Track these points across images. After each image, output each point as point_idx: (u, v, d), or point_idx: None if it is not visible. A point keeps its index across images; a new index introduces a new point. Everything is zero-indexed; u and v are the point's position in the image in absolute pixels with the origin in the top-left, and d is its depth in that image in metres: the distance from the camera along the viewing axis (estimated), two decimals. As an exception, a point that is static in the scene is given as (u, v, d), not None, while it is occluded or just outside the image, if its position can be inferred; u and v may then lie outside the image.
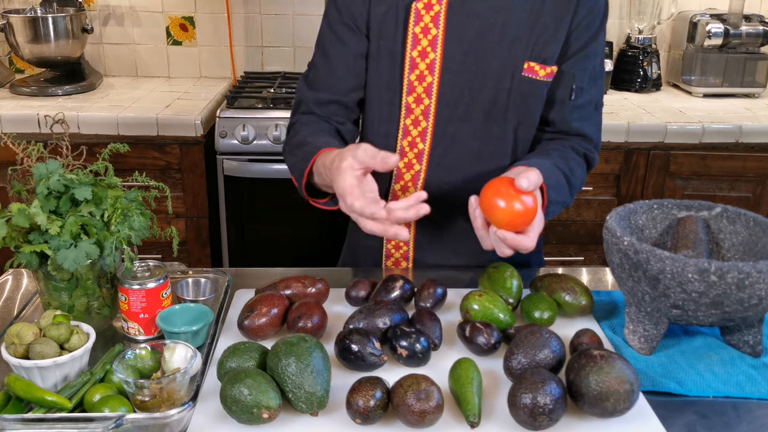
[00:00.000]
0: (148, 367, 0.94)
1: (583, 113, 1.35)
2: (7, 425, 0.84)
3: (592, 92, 1.35)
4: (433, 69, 1.26)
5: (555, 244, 2.39)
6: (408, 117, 1.30)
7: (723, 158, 2.29)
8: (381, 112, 1.32)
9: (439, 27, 1.25)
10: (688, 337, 1.10)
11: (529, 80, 1.27)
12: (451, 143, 1.30)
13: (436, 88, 1.27)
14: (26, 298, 1.22)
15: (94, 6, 2.73)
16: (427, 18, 1.25)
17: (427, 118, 1.29)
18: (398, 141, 1.32)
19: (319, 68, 1.34)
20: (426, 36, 1.25)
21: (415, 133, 1.30)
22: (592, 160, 1.37)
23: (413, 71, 1.27)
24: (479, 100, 1.28)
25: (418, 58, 1.26)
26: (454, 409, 0.93)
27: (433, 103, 1.28)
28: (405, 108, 1.29)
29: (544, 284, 1.17)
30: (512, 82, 1.27)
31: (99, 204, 1.06)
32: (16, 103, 2.34)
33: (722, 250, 1.14)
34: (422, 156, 1.31)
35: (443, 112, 1.29)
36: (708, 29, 2.56)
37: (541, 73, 1.28)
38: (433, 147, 1.31)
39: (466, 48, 1.25)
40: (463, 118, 1.29)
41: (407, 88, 1.28)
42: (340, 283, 1.23)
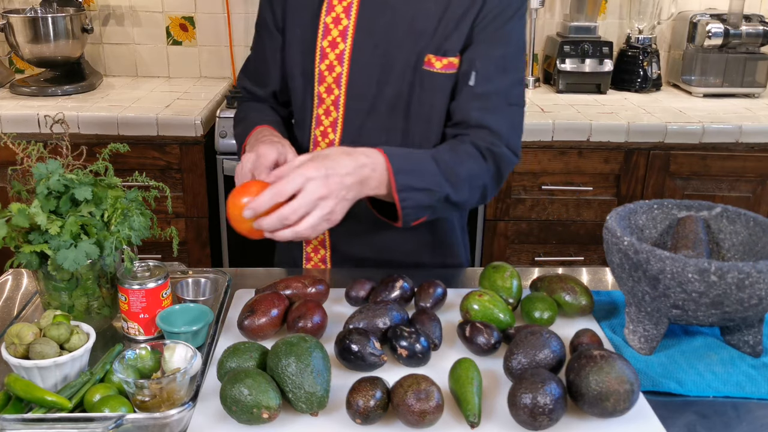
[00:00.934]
0: (148, 367, 0.94)
1: (487, 104, 1.24)
2: (7, 425, 0.84)
3: (500, 84, 1.25)
4: (342, 60, 1.27)
5: (555, 244, 2.39)
6: (320, 107, 1.32)
7: (723, 158, 2.29)
8: (297, 101, 1.36)
9: (351, 18, 1.25)
10: (688, 337, 1.10)
11: (428, 73, 1.25)
12: (359, 135, 1.30)
13: (345, 79, 1.28)
14: (26, 298, 1.22)
15: (94, 6, 2.73)
16: (339, 8, 1.26)
17: (337, 108, 1.30)
18: (311, 130, 1.34)
19: (251, 59, 1.45)
20: (337, 26, 1.26)
21: (327, 123, 1.32)
22: (500, 156, 1.24)
23: (323, 61, 1.28)
24: (385, 93, 1.27)
25: (328, 48, 1.27)
26: (454, 409, 0.93)
27: (342, 94, 1.29)
28: (317, 98, 1.31)
29: (544, 284, 1.17)
30: (414, 76, 1.26)
31: (99, 204, 1.06)
32: (16, 103, 2.34)
33: (722, 250, 1.14)
34: (333, 146, 1.32)
35: (352, 104, 1.29)
36: (708, 29, 2.56)
37: (438, 65, 1.24)
38: (343, 138, 1.32)
39: (375, 40, 1.25)
40: (370, 111, 1.29)
41: (318, 77, 1.30)
42: (340, 283, 1.23)
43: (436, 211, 1.20)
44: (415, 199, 1.15)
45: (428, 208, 1.18)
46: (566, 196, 2.32)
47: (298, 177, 1.03)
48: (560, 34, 2.75)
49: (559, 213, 2.34)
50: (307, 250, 1.43)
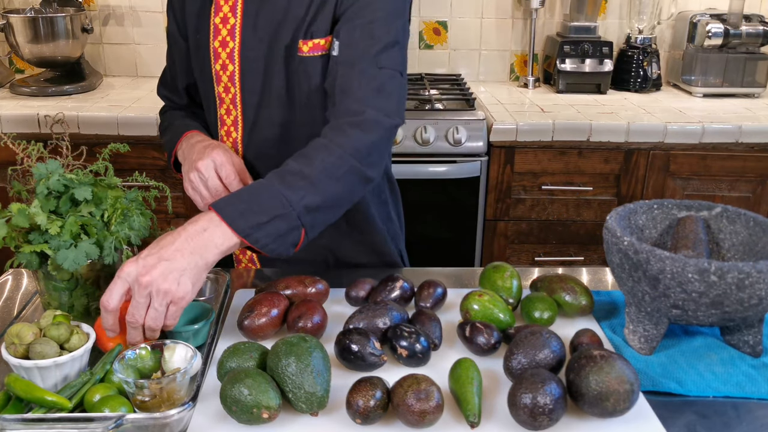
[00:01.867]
0: (148, 367, 0.94)
1: (351, 70, 1.17)
2: (7, 425, 0.84)
3: (367, 49, 1.17)
4: (233, 58, 1.28)
5: (555, 244, 2.39)
6: (221, 107, 1.34)
7: (723, 158, 2.29)
8: (205, 105, 1.39)
9: (237, 15, 1.26)
10: (688, 337, 1.10)
11: (299, 59, 1.25)
12: (260, 131, 1.32)
13: (237, 76, 1.29)
14: (26, 298, 1.22)
15: (94, 6, 2.73)
16: (226, 8, 1.27)
17: (235, 106, 1.32)
18: (218, 130, 1.37)
19: (166, 69, 1.50)
20: (225, 26, 1.28)
21: (229, 122, 1.34)
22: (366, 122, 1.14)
23: (217, 61, 1.30)
24: (273, 86, 1.28)
25: (219, 48, 1.29)
26: (454, 409, 0.93)
27: (238, 92, 1.30)
28: (218, 98, 1.34)
29: (544, 284, 1.17)
30: (293, 64, 1.26)
31: (99, 204, 1.06)
32: (16, 103, 2.34)
33: (722, 250, 1.14)
34: (237, 145, 1.34)
35: (247, 100, 1.30)
36: (708, 29, 2.56)
37: (305, 49, 1.24)
38: (245, 136, 1.33)
39: (260, 34, 1.26)
40: (264, 105, 1.30)
41: (215, 78, 1.32)
42: (340, 283, 1.23)
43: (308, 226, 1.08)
44: (269, 233, 1.04)
45: (291, 230, 1.06)
46: (566, 196, 2.32)
47: (116, 281, 0.96)
48: (560, 34, 2.75)
49: (559, 213, 2.34)
50: (235, 252, 1.43)
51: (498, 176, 2.28)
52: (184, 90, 1.45)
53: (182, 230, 1.00)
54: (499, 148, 2.25)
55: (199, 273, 0.99)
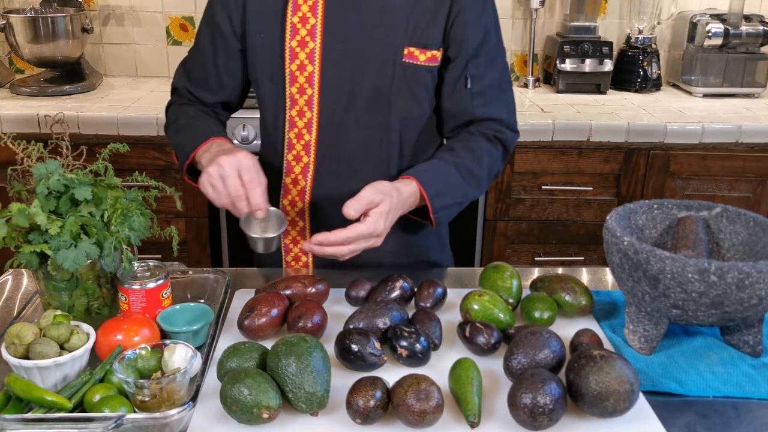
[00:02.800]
0: (148, 367, 0.94)
1: (485, 98, 1.32)
2: (7, 425, 0.84)
3: (491, 75, 1.32)
4: (313, 58, 1.27)
5: (555, 244, 2.39)
6: (293, 108, 1.31)
7: (723, 158, 2.29)
8: (268, 106, 1.35)
9: (318, 16, 1.25)
10: (688, 337, 1.10)
11: (411, 66, 1.26)
12: (337, 133, 1.30)
13: (317, 77, 1.27)
14: (26, 298, 1.22)
15: (94, 6, 2.73)
16: (305, 7, 1.26)
17: (311, 108, 1.29)
18: (285, 133, 1.33)
19: (194, 61, 1.40)
20: (305, 25, 1.26)
21: (301, 124, 1.31)
22: (507, 141, 1.35)
23: (294, 61, 1.28)
24: (361, 88, 1.28)
25: (297, 48, 1.27)
26: (454, 409, 0.93)
27: (316, 93, 1.28)
28: (289, 99, 1.30)
29: (544, 284, 1.17)
30: (394, 69, 1.26)
31: (99, 204, 1.06)
32: (16, 103, 2.34)
33: (722, 250, 1.14)
34: (309, 147, 1.32)
35: (327, 102, 1.29)
36: (708, 29, 2.56)
37: (422, 58, 1.26)
38: (319, 138, 1.31)
39: (345, 35, 1.25)
40: (347, 108, 1.29)
41: (289, 78, 1.29)
42: (340, 283, 1.23)
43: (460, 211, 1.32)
44: (448, 214, 1.29)
45: (456, 214, 1.32)
46: (566, 196, 2.32)
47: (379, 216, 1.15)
48: (560, 34, 2.75)
49: (559, 213, 2.34)
50: (287, 259, 1.42)
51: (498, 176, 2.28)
52: (226, 90, 1.38)
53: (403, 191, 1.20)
54: (499, 148, 2.25)
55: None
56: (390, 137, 1.31)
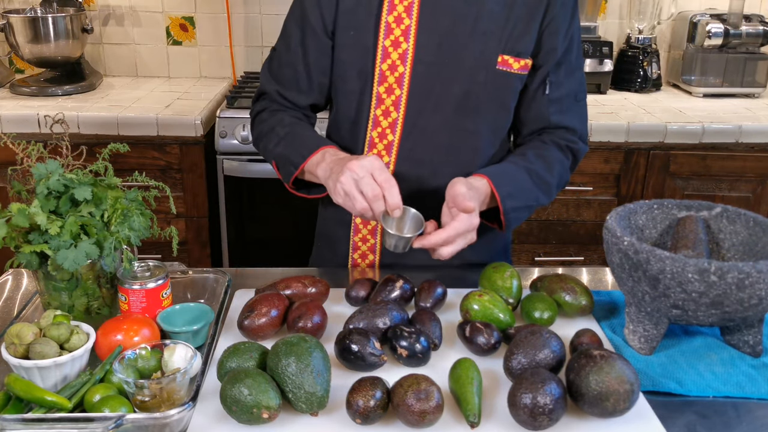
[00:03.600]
0: (148, 367, 0.94)
1: (561, 106, 1.34)
2: (7, 425, 0.84)
3: (569, 85, 1.34)
4: (405, 59, 1.26)
5: (555, 244, 2.39)
6: (378, 107, 1.30)
7: (723, 158, 2.29)
8: (350, 102, 1.32)
9: (413, 17, 1.25)
10: (688, 337, 1.10)
11: (503, 73, 1.27)
12: (422, 135, 1.30)
13: (408, 78, 1.27)
14: (26, 298, 1.22)
15: (94, 6, 2.73)
16: (401, 8, 1.25)
17: (397, 108, 1.29)
18: (368, 132, 1.32)
19: (283, 62, 1.36)
20: (399, 26, 1.25)
21: (386, 124, 1.30)
22: (578, 151, 1.36)
23: (385, 60, 1.27)
24: (451, 93, 1.28)
25: (390, 48, 1.26)
26: (454, 409, 0.93)
27: (404, 94, 1.28)
28: (376, 98, 1.29)
29: (544, 284, 1.17)
30: (486, 76, 1.27)
31: (99, 204, 1.06)
32: (16, 103, 2.34)
33: (722, 250, 1.14)
34: (392, 147, 1.31)
35: (414, 104, 1.28)
36: (708, 29, 2.56)
37: (516, 66, 1.27)
38: (403, 139, 1.31)
39: (439, 39, 1.25)
40: (434, 110, 1.29)
41: (378, 77, 1.28)
42: (340, 283, 1.23)
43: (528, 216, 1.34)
44: (518, 217, 1.29)
45: (524, 218, 1.32)
46: (566, 196, 2.32)
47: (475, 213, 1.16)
48: (560, 34, 2.75)
49: (559, 213, 2.34)
50: (354, 257, 1.41)
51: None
52: (317, 90, 1.36)
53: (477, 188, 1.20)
54: (499, 148, 2.25)
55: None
56: (474, 143, 1.32)
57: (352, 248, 1.40)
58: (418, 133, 1.30)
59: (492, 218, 1.30)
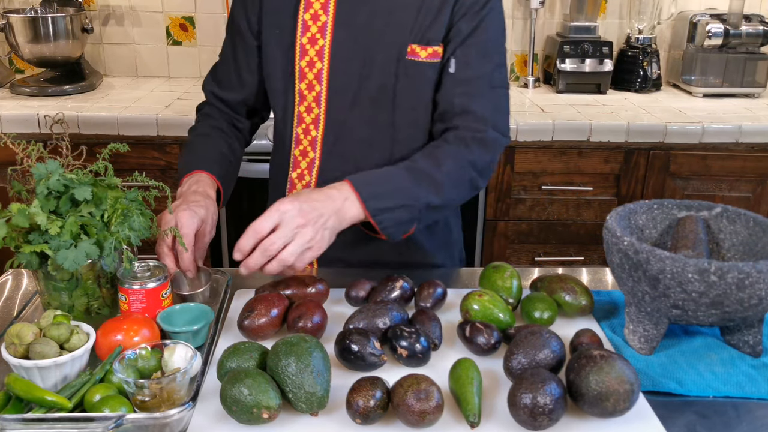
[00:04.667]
0: (148, 367, 0.94)
1: (469, 89, 1.26)
2: (7, 425, 0.84)
3: (482, 69, 1.27)
4: (322, 55, 1.28)
5: (555, 244, 2.39)
6: (301, 104, 1.33)
7: (723, 158, 2.29)
8: (278, 100, 1.37)
9: (329, 14, 1.27)
10: (688, 337, 1.10)
11: (412, 63, 1.27)
12: (342, 130, 1.31)
13: (326, 74, 1.29)
14: (26, 298, 1.22)
15: (94, 6, 2.73)
16: (317, 5, 1.27)
17: (319, 105, 1.31)
18: (293, 128, 1.35)
19: (222, 65, 1.45)
20: (315, 23, 1.27)
21: (309, 120, 1.33)
22: (488, 140, 1.26)
23: (303, 57, 1.29)
24: (367, 87, 1.28)
25: (308, 45, 1.28)
26: (454, 409, 0.93)
27: (324, 90, 1.30)
28: (298, 95, 1.32)
29: (544, 284, 1.17)
30: (398, 67, 1.27)
31: (99, 204, 1.06)
32: (16, 103, 2.34)
33: (722, 250, 1.14)
34: (316, 143, 1.33)
35: (334, 99, 1.30)
36: (708, 29, 2.56)
37: (423, 54, 1.26)
38: (325, 134, 1.32)
39: (355, 34, 1.27)
40: (353, 105, 1.30)
41: (299, 74, 1.31)
42: (340, 283, 1.23)
43: (422, 220, 1.24)
44: (393, 218, 1.18)
45: (410, 221, 1.21)
46: (566, 196, 2.32)
47: (273, 212, 1.09)
48: (560, 34, 2.75)
49: (559, 213, 2.34)
50: None
51: (498, 176, 2.28)
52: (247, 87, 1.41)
53: (329, 195, 1.14)
54: (499, 148, 2.25)
55: (334, 234, 1.14)
56: (394, 136, 1.32)
57: None
58: (339, 129, 1.31)
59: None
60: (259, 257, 1.08)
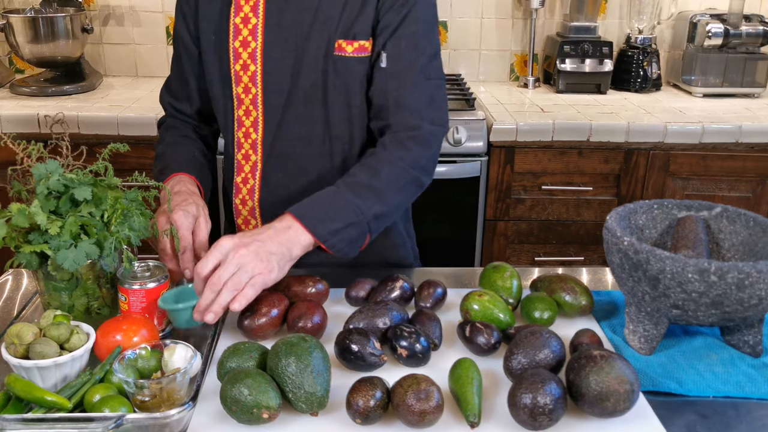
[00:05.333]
0: (148, 367, 0.94)
1: (401, 81, 1.25)
2: (7, 425, 0.84)
3: (413, 61, 1.25)
4: (255, 58, 1.28)
5: (555, 244, 2.39)
6: (240, 108, 1.33)
7: (723, 158, 2.29)
8: (219, 106, 1.37)
9: (259, 16, 1.27)
10: (688, 337, 1.10)
11: (340, 59, 1.27)
12: (280, 130, 1.32)
13: (260, 76, 1.29)
14: (26, 298, 1.22)
15: (94, 6, 2.73)
16: (247, 8, 1.27)
17: (256, 107, 1.31)
18: (234, 132, 1.35)
19: (171, 75, 1.46)
20: (246, 26, 1.28)
21: (248, 123, 1.33)
22: (425, 136, 1.25)
23: (237, 61, 1.30)
24: (300, 85, 1.29)
25: (240, 48, 1.29)
26: (454, 409, 0.93)
27: (259, 92, 1.30)
28: (236, 99, 1.33)
29: (544, 284, 1.17)
30: (326, 64, 1.27)
31: (99, 204, 1.06)
32: (16, 103, 2.34)
33: (722, 250, 1.14)
34: (257, 146, 1.34)
35: (269, 100, 1.30)
36: (708, 29, 2.56)
37: (349, 50, 1.26)
38: (265, 136, 1.33)
39: (285, 34, 1.27)
40: (288, 104, 1.30)
41: (235, 78, 1.31)
42: (340, 283, 1.23)
43: (373, 231, 1.21)
44: (344, 238, 1.16)
45: (361, 235, 1.19)
46: (566, 196, 2.32)
47: (213, 252, 1.06)
48: (560, 34, 2.75)
49: (559, 213, 2.34)
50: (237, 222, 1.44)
51: (498, 176, 2.28)
52: (198, 96, 1.42)
53: (270, 227, 1.12)
54: (499, 148, 2.25)
55: (285, 261, 1.10)
56: (330, 132, 1.31)
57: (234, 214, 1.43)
58: (277, 129, 1.32)
59: None
60: (209, 295, 1.03)
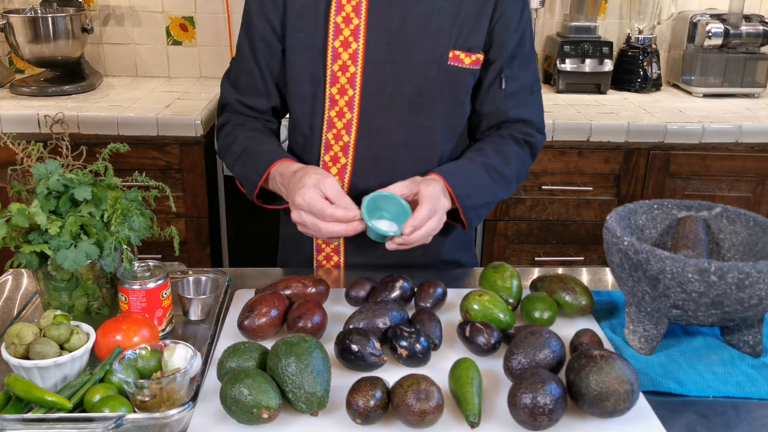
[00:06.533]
0: (148, 367, 0.94)
1: (518, 100, 1.35)
2: (7, 425, 0.84)
3: (524, 78, 1.35)
4: (356, 59, 1.26)
5: (555, 244, 2.39)
6: (332, 109, 1.30)
7: (723, 158, 2.29)
8: (305, 106, 1.33)
9: (361, 16, 1.25)
10: (688, 337, 1.10)
11: (455, 69, 1.28)
12: (377, 134, 1.31)
13: (359, 78, 1.27)
14: (26, 298, 1.22)
15: (94, 6, 2.73)
16: (349, 8, 1.25)
17: (351, 109, 1.29)
18: (323, 134, 1.32)
19: (239, 70, 1.38)
20: (348, 26, 1.25)
21: (340, 125, 1.31)
22: (535, 144, 1.39)
23: (336, 62, 1.27)
24: (404, 90, 1.28)
25: (340, 48, 1.26)
26: (454, 409, 0.93)
27: (357, 94, 1.28)
28: (329, 100, 1.30)
29: (544, 284, 1.17)
30: (438, 72, 1.27)
31: (99, 204, 1.06)
32: (16, 103, 2.34)
33: (722, 250, 1.14)
34: (348, 148, 1.32)
35: (368, 103, 1.29)
36: (708, 29, 2.56)
37: (467, 61, 1.28)
38: (358, 139, 1.31)
39: (388, 38, 1.26)
40: (388, 109, 1.29)
41: (330, 79, 1.28)
42: (340, 283, 1.23)
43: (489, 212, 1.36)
44: (478, 214, 1.30)
45: (486, 214, 1.35)
46: (566, 196, 2.32)
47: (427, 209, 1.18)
48: (560, 34, 2.75)
49: (559, 213, 2.34)
50: (318, 258, 1.41)
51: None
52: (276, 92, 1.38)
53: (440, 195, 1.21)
54: (499, 148, 2.25)
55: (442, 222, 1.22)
56: (431, 139, 1.32)
57: (316, 250, 1.41)
58: (373, 133, 1.31)
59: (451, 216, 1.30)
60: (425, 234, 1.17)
